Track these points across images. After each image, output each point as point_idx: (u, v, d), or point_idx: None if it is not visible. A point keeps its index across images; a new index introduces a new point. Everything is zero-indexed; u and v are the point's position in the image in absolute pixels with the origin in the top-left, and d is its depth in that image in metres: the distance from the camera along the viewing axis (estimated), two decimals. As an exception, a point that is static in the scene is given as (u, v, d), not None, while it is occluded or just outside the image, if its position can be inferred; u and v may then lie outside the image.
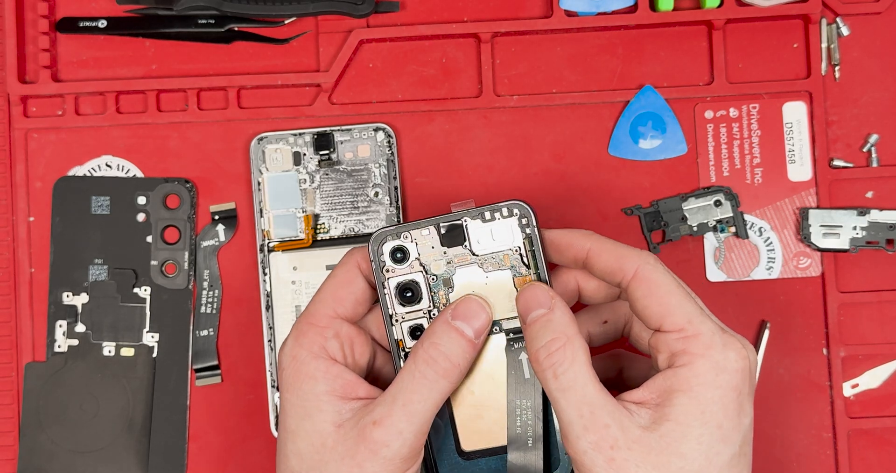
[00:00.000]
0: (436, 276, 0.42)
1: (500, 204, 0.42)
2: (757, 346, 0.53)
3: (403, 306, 0.42)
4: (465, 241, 0.42)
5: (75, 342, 0.54)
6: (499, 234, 0.42)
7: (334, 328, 0.42)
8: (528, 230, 0.42)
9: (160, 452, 0.53)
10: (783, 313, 0.54)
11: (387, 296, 0.42)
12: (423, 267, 0.42)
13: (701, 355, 0.39)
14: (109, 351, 0.54)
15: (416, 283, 0.42)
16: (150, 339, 0.54)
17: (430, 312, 0.43)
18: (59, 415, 0.53)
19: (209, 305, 0.54)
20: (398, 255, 0.42)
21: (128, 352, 0.54)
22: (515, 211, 0.42)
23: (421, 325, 0.43)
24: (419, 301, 0.42)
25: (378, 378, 0.45)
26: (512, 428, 0.42)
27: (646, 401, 0.39)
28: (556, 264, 0.44)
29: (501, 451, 0.43)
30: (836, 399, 0.53)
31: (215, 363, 0.54)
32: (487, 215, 0.42)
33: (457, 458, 0.43)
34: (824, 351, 0.54)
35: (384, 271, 0.42)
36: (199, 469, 0.54)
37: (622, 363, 0.47)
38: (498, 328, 0.42)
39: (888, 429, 0.53)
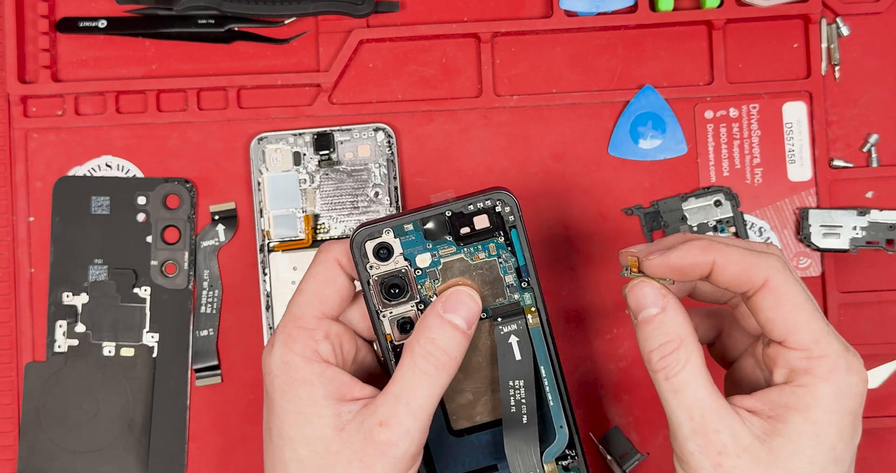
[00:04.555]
0: (421, 269, 0.42)
1: (481, 195, 0.42)
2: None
3: (390, 301, 0.42)
4: (448, 233, 0.42)
5: (75, 342, 0.54)
6: (482, 223, 0.42)
7: (323, 329, 0.41)
8: (510, 218, 0.42)
9: (160, 452, 0.53)
10: (783, 313, 0.54)
11: (372, 293, 0.42)
12: (408, 261, 0.42)
13: (824, 379, 0.38)
14: (109, 351, 0.54)
15: (402, 278, 0.42)
16: (150, 339, 0.54)
17: (417, 305, 0.42)
18: (59, 415, 0.53)
19: (209, 305, 0.54)
20: (382, 252, 0.42)
21: (128, 352, 0.54)
22: (497, 200, 0.42)
23: (409, 318, 0.42)
24: (406, 295, 0.42)
25: (361, 370, 0.45)
26: (506, 408, 0.42)
27: (758, 411, 0.39)
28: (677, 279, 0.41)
29: (490, 426, 0.44)
30: (836, 399, 0.53)
31: (215, 363, 0.54)
32: (470, 206, 0.42)
33: (447, 435, 0.44)
34: (824, 351, 0.54)
35: (368, 268, 0.42)
36: (199, 469, 0.54)
37: (723, 326, 0.46)
38: (485, 314, 0.43)
39: (888, 429, 0.53)
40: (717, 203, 0.53)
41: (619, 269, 0.53)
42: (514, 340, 0.42)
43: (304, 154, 0.54)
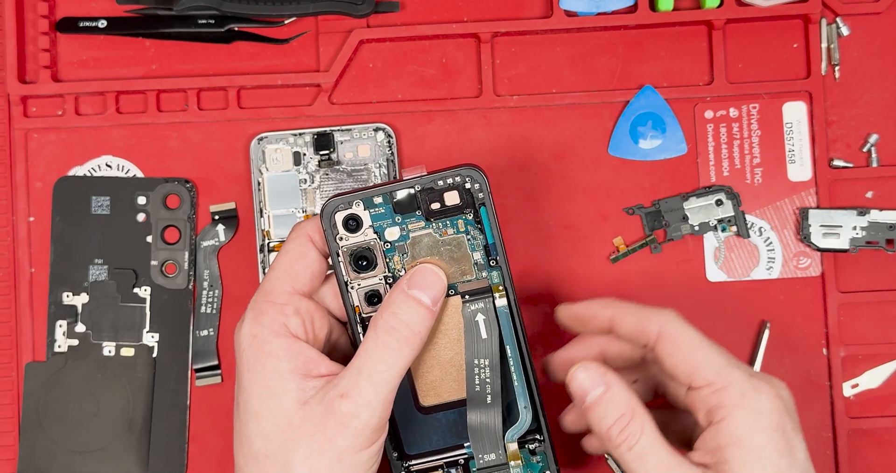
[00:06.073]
0: (390, 243, 0.43)
1: (451, 171, 0.42)
2: (757, 346, 0.53)
3: (358, 273, 0.42)
4: (417, 207, 0.42)
5: (75, 342, 0.54)
6: (451, 200, 0.42)
7: (293, 304, 0.42)
8: (480, 195, 0.42)
9: (160, 452, 0.53)
10: (783, 313, 0.54)
11: (341, 264, 0.42)
12: (377, 234, 0.42)
13: (737, 405, 0.39)
14: (109, 351, 0.54)
15: (371, 250, 0.42)
16: (150, 339, 0.54)
17: (386, 278, 0.43)
18: (59, 415, 0.53)
19: (209, 305, 0.54)
20: (351, 223, 0.42)
21: (128, 352, 0.54)
22: (467, 177, 0.42)
23: (377, 291, 0.43)
24: (374, 268, 0.42)
25: (335, 351, 0.45)
26: (471, 386, 0.42)
27: (706, 463, 0.40)
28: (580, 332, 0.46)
29: (458, 405, 0.44)
30: (836, 399, 0.53)
31: (215, 363, 0.54)
32: (440, 182, 0.42)
33: (415, 413, 0.44)
34: (824, 351, 0.54)
35: (337, 239, 0.42)
36: (199, 469, 0.54)
37: (664, 419, 0.46)
38: (453, 291, 0.43)
39: (888, 429, 0.53)
40: (719, 202, 0.53)
41: (619, 269, 0.54)
42: (480, 318, 0.43)
43: (304, 154, 0.54)
